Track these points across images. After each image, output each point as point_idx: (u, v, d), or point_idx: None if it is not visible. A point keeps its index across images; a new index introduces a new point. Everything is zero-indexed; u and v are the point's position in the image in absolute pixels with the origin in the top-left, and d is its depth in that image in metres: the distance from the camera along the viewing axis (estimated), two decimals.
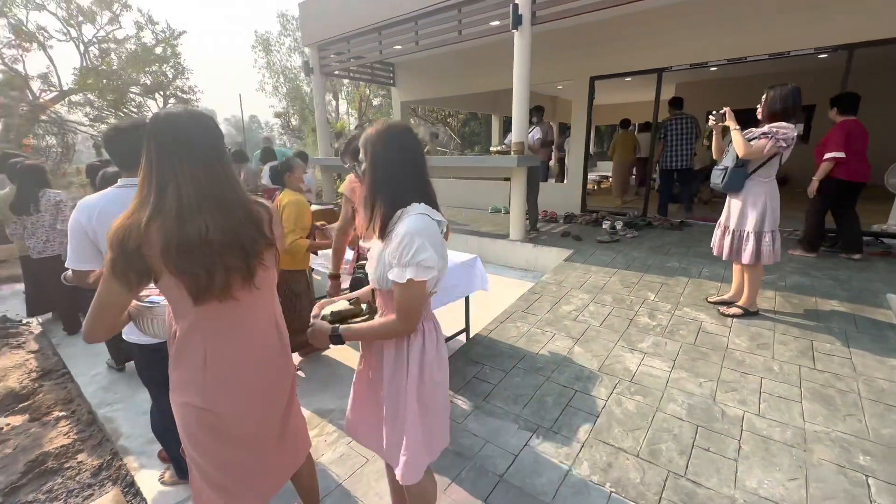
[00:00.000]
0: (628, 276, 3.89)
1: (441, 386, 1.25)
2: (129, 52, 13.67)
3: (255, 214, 1.12)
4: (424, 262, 1.06)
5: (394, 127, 1.16)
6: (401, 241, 1.07)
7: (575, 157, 6.63)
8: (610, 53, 5.89)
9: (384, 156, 1.14)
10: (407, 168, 1.15)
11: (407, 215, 1.11)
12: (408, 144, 1.15)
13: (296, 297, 2.90)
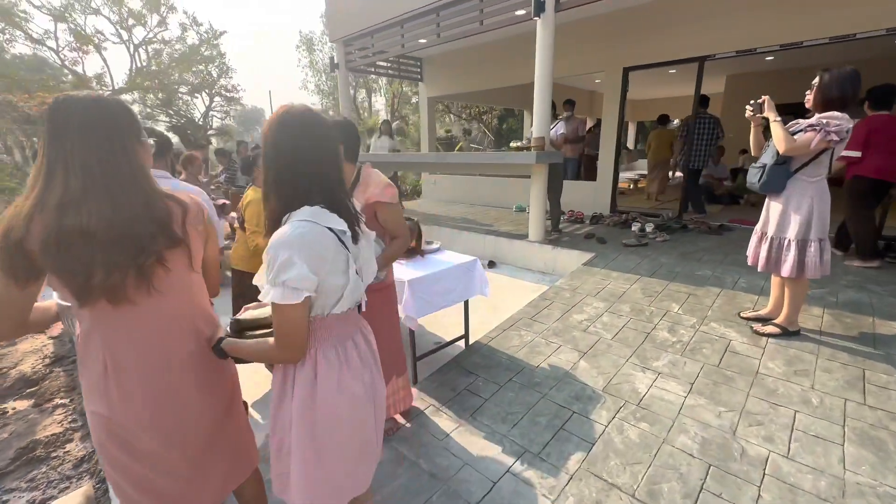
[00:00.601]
0: (651, 284, 3.55)
1: (345, 426, 1.06)
2: (179, 53, 14.40)
3: (159, 210, 1.00)
4: (290, 281, 0.90)
5: (289, 113, 0.99)
6: (266, 253, 0.92)
7: (606, 154, 6.23)
8: (645, 41, 5.46)
9: (274, 148, 0.98)
10: (301, 164, 0.98)
11: (289, 221, 0.95)
12: (306, 134, 0.98)
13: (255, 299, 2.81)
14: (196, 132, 15.78)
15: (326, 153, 1.01)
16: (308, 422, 1.02)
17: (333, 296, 1.00)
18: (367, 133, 15.21)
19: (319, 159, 1.00)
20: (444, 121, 20.13)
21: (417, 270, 2.52)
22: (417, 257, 2.78)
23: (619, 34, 5.68)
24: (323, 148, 1.00)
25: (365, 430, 1.10)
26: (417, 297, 2.40)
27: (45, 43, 11.35)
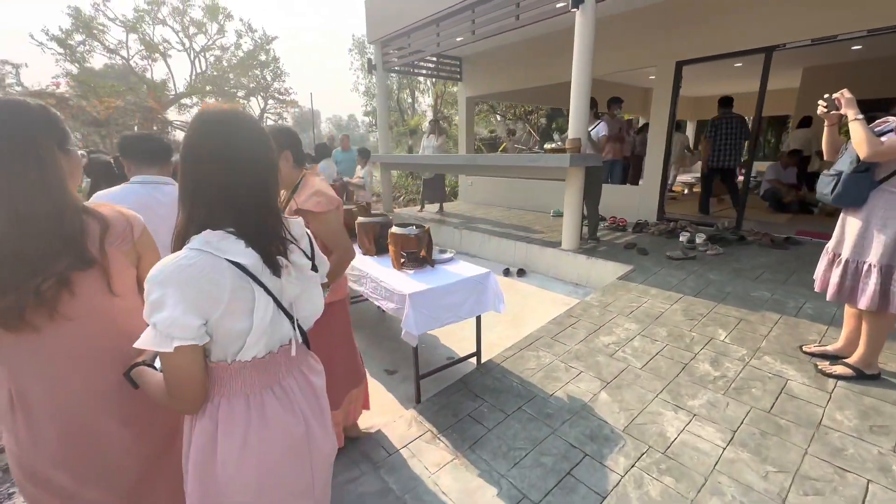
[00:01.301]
0: (696, 305, 3.13)
1: (249, 494, 0.88)
2: (236, 59, 15.24)
3: (70, 226, 0.90)
4: (160, 323, 0.74)
5: (205, 115, 0.84)
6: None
7: (654, 156, 5.72)
8: (702, 31, 4.93)
9: (182, 155, 0.83)
10: (206, 176, 0.82)
11: (185, 248, 0.79)
12: (216, 141, 0.82)
13: None
14: None
15: (245, 165, 0.85)
16: (202, 484, 0.87)
17: (234, 342, 0.84)
18: (409, 133, 15.27)
19: (232, 172, 0.83)
20: (490, 121, 19.85)
21: (422, 282, 2.34)
22: (427, 268, 2.60)
23: (672, 25, 5.18)
24: (239, 159, 0.84)
25: (282, 495, 0.93)
26: (419, 312, 2.22)
27: (118, 52, 12.48)
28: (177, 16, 12.83)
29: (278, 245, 0.89)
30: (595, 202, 4.86)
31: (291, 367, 0.97)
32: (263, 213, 0.87)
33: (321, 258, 1.07)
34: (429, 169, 6.97)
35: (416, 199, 12.11)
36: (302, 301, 0.96)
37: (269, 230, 0.88)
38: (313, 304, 1.00)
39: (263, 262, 0.85)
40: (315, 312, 1.01)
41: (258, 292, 0.84)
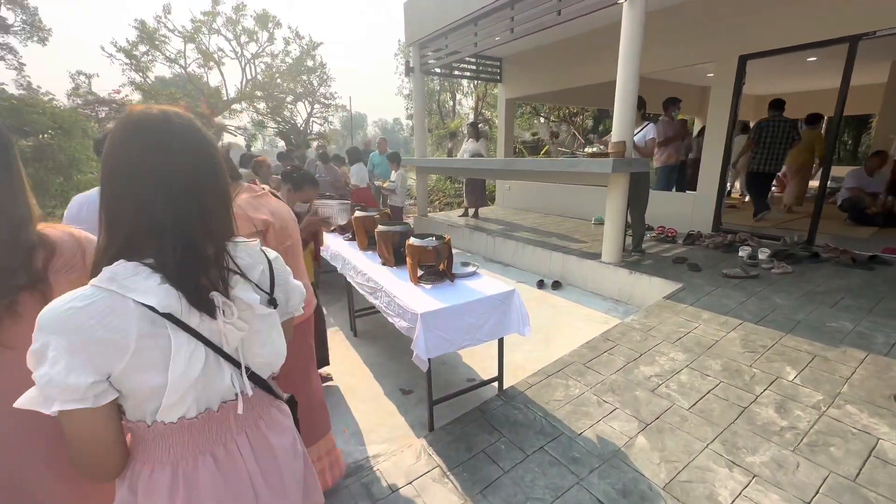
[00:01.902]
0: (758, 335, 2.71)
1: None
2: (286, 66, 15.86)
3: (26, 239, 0.82)
4: (38, 380, 0.59)
5: (125, 118, 0.68)
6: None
7: (711, 160, 5.19)
8: (770, 21, 4.39)
9: (102, 169, 0.68)
10: (128, 193, 0.67)
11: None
12: (142, 151, 0.67)
13: None
14: (298, 137, 17.23)
15: (170, 179, 0.69)
16: None
17: (150, 401, 0.68)
18: (449, 136, 15.16)
19: (153, 188, 0.68)
20: (533, 123, 19.35)
21: (438, 300, 2.14)
22: (446, 282, 2.40)
23: (735, 15, 4.66)
24: (162, 172, 0.68)
25: None
26: (432, 333, 2.02)
27: (177, 62, 13.35)
28: (230, 25, 13.59)
29: (215, 278, 0.72)
30: (641, 211, 4.45)
31: (244, 424, 0.81)
32: (194, 240, 0.71)
33: (292, 287, 0.91)
34: (462, 174, 6.79)
35: (453, 203, 11.95)
36: (254, 345, 0.79)
37: (200, 260, 0.71)
38: (273, 348, 0.83)
39: (188, 300, 0.69)
40: (276, 358, 0.84)
41: (178, 339, 0.67)
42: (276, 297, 0.84)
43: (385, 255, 2.81)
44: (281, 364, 0.87)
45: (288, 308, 0.91)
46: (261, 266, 0.82)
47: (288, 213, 1.72)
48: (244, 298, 0.75)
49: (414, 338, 2.02)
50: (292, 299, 0.91)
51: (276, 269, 0.86)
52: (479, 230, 6.13)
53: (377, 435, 2.31)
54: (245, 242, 0.82)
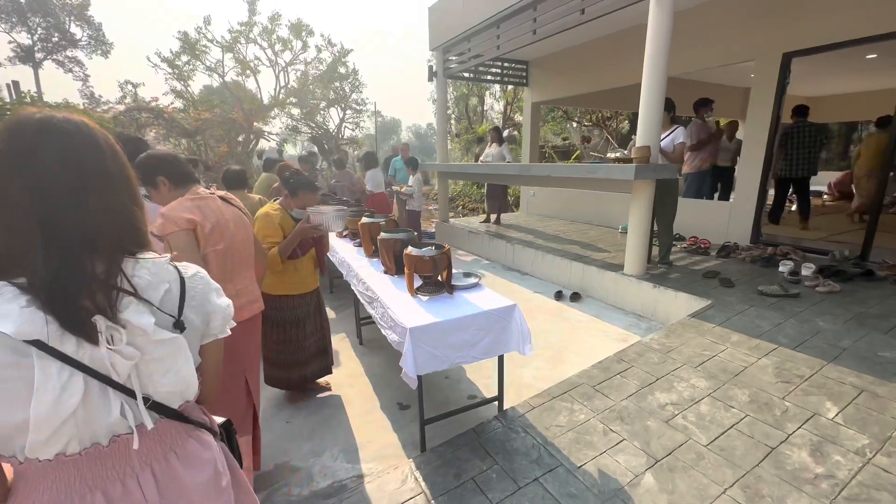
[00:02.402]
0: (795, 363, 2.41)
1: None
2: (319, 72, 16.30)
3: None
4: None
5: (4, 125, 0.63)
6: None
7: (750, 166, 4.80)
8: (820, 14, 4.01)
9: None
10: (3, 211, 0.61)
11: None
12: (10, 160, 0.62)
13: (285, 326, 2.50)
14: (330, 142, 17.63)
15: (47, 190, 0.63)
16: None
17: (18, 437, 0.60)
18: (477, 141, 15.05)
19: (25, 200, 0.61)
20: (564, 128, 18.93)
21: (431, 313, 2.02)
22: (444, 294, 2.28)
23: (777, 9, 4.30)
24: (35, 183, 0.62)
25: None
26: (421, 349, 1.90)
27: (216, 71, 14.03)
28: (266, 35, 14.12)
29: (101, 300, 0.65)
30: (669, 220, 4.15)
31: (149, 458, 0.73)
32: (76, 257, 0.64)
33: (213, 307, 0.82)
34: (481, 178, 6.65)
35: (478, 208, 11.81)
36: (154, 373, 0.72)
37: (84, 280, 0.64)
38: (178, 376, 0.75)
39: (61, 324, 0.61)
40: (184, 386, 0.76)
41: (46, 369, 0.59)
42: (188, 318, 0.77)
43: (387, 263, 2.72)
44: (194, 392, 0.79)
45: (209, 330, 0.84)
46: (165, 285, 0.74)
47: (232, 217, 1.70)
48: (136, 322, 0.67)
49: (402, 353, 1.91)
50: (213, 320, 0.83)
51: (188, 288, 0.78)
52: (498, 237, 5.97)
53: (367, 452, 2.21)
54: (150, 259, 0.75)
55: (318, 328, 2.65)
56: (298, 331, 2.53)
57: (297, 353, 2.54)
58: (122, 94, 12.75)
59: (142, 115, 10.15)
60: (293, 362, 2.55)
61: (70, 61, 20.34)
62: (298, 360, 2.55)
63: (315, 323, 2.63)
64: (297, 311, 2.52)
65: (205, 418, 0.86)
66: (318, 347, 2.68)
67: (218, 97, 14.40)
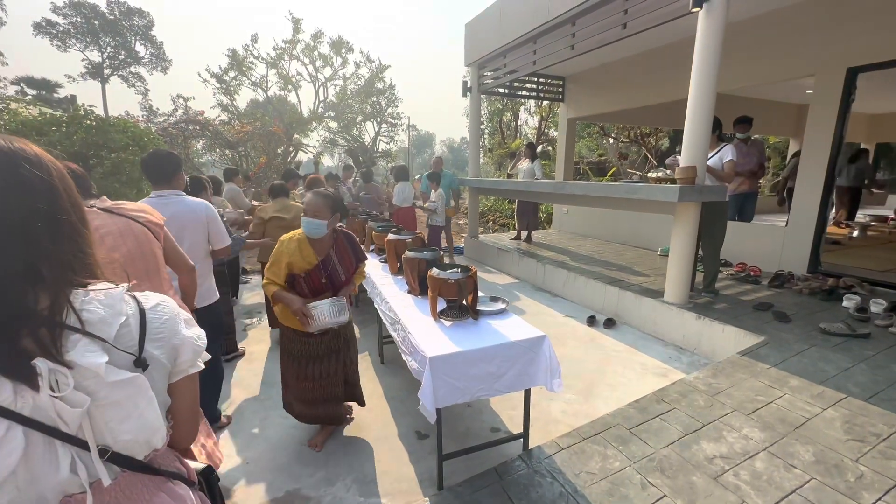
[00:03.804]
0: (869, 418, 2.11)
1: None
2: (357, 87, 16.79)
3: None
4: None
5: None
6: None
7: (808, 188, 4.42)
8: (887, 26, 3.67)
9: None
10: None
11: None
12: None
13: (302, 361, 2.23)
14: (365, 155, 18.03)
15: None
16: None
17: None
18: (510, 156, 14.92)
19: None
20: (601, 144, 18.53)
21: (454, 341, 1.90)
22: (468, 320, 2.15)
23: (843, 20, 3.97)
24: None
25: None
26: (441, 380, 1.78)
27: (260, 86, 14.71)
28: (308, 52, 14.74)
29: (45, 339, 0.58)
30: (716, 245, 3.85)
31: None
32: (14, 291, 0.57)
33: (181, 340, 0.73)
34: (512, 195, 6.50)
35: (509, 224, 11.62)
36: (111, 420, 0.62)
37: (23, 317, 0.57)
38: (141, 422, 0.65)
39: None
40: (148, 433, 0.67)
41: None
42: (151, 355, 0.68)
43: (411, 282, 2.63)
44: (162, 439, 0.70)
45: (178, 366, 0.74)
46: (122, 318, 0.65)
47: (118, 229, 1.62)
48: (85, 363, 0.59)
49: (422, 384, 1.79)
50: (182, 354, 0.73)
51: (149, 320, 0.69)
52: (529, 255, 5.78)
53: (382, 484, 2.09)
54: (103, 289, 0.66)
55: (342, 366, 2.34)
56: (315, 367, 2.25)
57: (314, 391, 2.26)
58: (174, 108, 13.66)
59: (189, 126, 10.75)
60: (311, 399, 2.28)
61: (133, 77, 22.04)
62: (316, 397, 2.28)
63: (338, 360, 2.31)
64: (311, 347, 2.23)
65: (180, 467, 0.77)
66: (339, 388, 2.34)
67: (262, 111, 15.09)
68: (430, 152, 63.81)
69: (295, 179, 5.32)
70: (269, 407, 2.76)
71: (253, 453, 2.33)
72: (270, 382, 3.04)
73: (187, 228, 2.24)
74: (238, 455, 2.31)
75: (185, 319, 0.76)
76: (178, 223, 2.15)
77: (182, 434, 0.79)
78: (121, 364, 0.63)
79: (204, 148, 11.87)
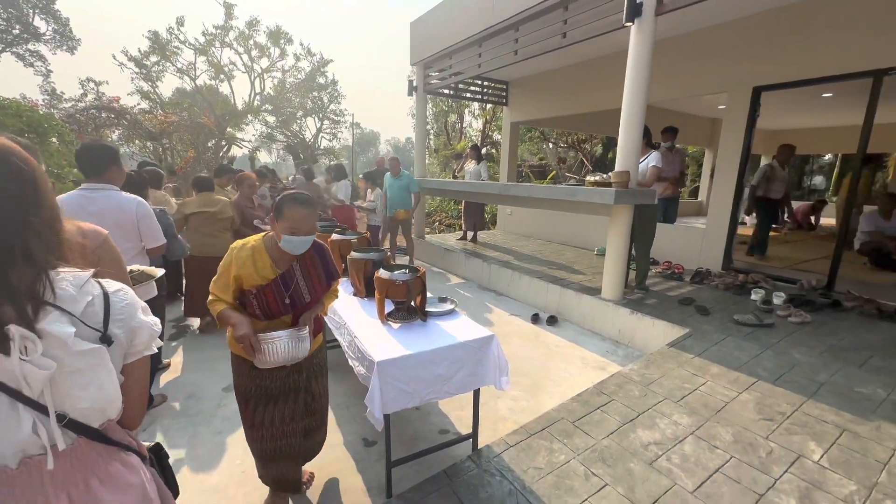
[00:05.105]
0: (775, 399, 2.36)
1: None
2: (297, 81, 16.06)
3: None
4: None
5: None
6: None
7: (721, 193, 4.91)
8: (789, 52, 4.17)
9: None
10: None
11: None
12: None
13: (251, 402, 1.71)
14: (305, 151, 17.29)
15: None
16: None
17: None
18: (455, 157, 15.07)
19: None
20: (541, 148, 19.30)
21: (403, 344, 1.85)
22: (416, 321, 2.11)
23: (751, 45, 4.45)
24: None
25: None
26: (390, 386, 1.72)
27: (188, 73, 13.56)
28: (242, 40, 13.81)
29: (19, 309, 0.64)
30: (646, 245, 4.15)
31: (65, 484, 0.70)
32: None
33: (139, 324, 0.80)
34: (459, 196, 6.55)
35: (455, 224, 11.73)
36: (72, 387, 0.69)
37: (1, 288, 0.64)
38: (101, 391, 0.72)
39: None
40: (105, 403, 0.73)
41: None
42: (113, 333, 0.75)
43: (357, 284, 2.54)
44: (117, 410, 0.78)
45: (133, 347, 0.81)
46: (88, 297, 0.74)
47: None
48: (55, 331, 0.66)
49: (368, 390, 1.72)
50: (139, 336, 0.81)
51: (113, 303, 0.77)
52: (475, 256, 5.86)
53: (327, 497, 1.98)
54: (71, 272, 0.74)
55: (300, 410, 1.80)
56: (269, 410, 1.71)
57: (267, 442, 1.73)
58: (82, 92, 12.07)
59: (102, 114, 9.57)
60: (264, 453, 1.76)
61: (32, 55, 19.26)
62: (268, 451, 1.74)
63: (296, 402, 1.76)
64: (264, 383, 1.69)
65: (131, 441, 0.83)
66: (296, 440, 1.80)
67: (189, 100, 13.89)
68: (375, 151, 62.71)
69: (229, 175, 4.95)
70: (197, 423, 2.52)
71: (180, 477, 2.11)
72: (199, 396, 2.79)
73: (115, 225, 2.00)
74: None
75: (143, 307, 0.84)
76: (104, 219, 1.91)
77: (133, 412, 0.85)
78: (86, 338, 0.70)
79: (121, 138, 10.65)
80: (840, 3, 3.82)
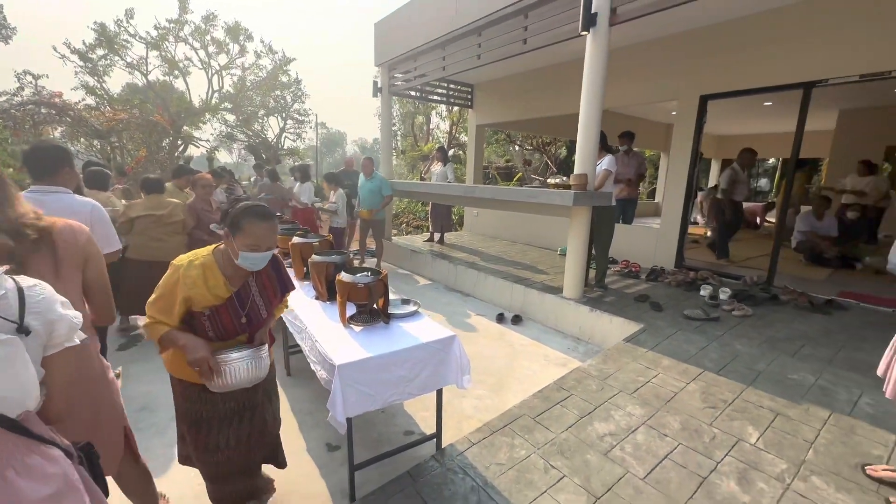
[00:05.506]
0: (718, 387, 2.53)
1: None
2: (258, 79, 15.55)
3: None
4: None
5: None
6: None
7: (673, 195, 5.18)
8: (732, 64, 4.46)
9: None
10: None
11: None
12: None
13: (203, 427, 1.57)
14: (268, 152, 16.77)
15: None
16: None
17: None
18: (422, 158, 15.09)
19: None
20: (507, 150, 19.63)
21: (365, 346, 1.85)
22: (379, 324, 2.12)
23: (698, 56, 4.74)
24: None
25: None
26: (352, 389, 1.72)
27: (139, 68, 12.83)
28: (198, 35, 13.21)
29: None
30: (605, 245, 4.32)
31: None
32: None
33: (58, 316, 0.84)
34: (425, 198, 6.57)
35: (423, 226, 11.73)
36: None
37: None
38: (15, 382, 0.74)
39: None
40: (19, 393, 0.75)
41: None
42: (30, 324, 0.78)
43: (318, 287, 2.51)
44: (35, 400, 0.79)
45: (53, 339, 0.83)
46: (1, 291, 0.77)
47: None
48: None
49: (330, 394, 1.71)
50: (58, 328, 0.83)
51: (27, 296, 0.80)
52: (441, 257, 5.90)
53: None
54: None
55: (259, 426, 1.68)
56: (225, 432, 1.59)
57: (225, 465, 1.62)
58: (19, 86, 11.14)
59: (41, 109, 8.86)
60: (222, 474, 1.65)
61: None
62: (228, 472, 1.64)
63: (252, 421, 1.65)
64: (217, 406, 1.57)
65: (53, 436, 0.84)
66: (258, 454, 1.73)
67: (140, 97, 13.13)
68: (342, 152, 61.57)
69: (188, 176, 4.69)
70: (150, 437, 2.41)
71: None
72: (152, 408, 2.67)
73: None
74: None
75: (61, 302, 0.85)
76: None
77: (57, 407, 0.86)
78: (1, 329, 0.72)
79: (63, 136, 9.89)
80: (773, 21, 4.13)
